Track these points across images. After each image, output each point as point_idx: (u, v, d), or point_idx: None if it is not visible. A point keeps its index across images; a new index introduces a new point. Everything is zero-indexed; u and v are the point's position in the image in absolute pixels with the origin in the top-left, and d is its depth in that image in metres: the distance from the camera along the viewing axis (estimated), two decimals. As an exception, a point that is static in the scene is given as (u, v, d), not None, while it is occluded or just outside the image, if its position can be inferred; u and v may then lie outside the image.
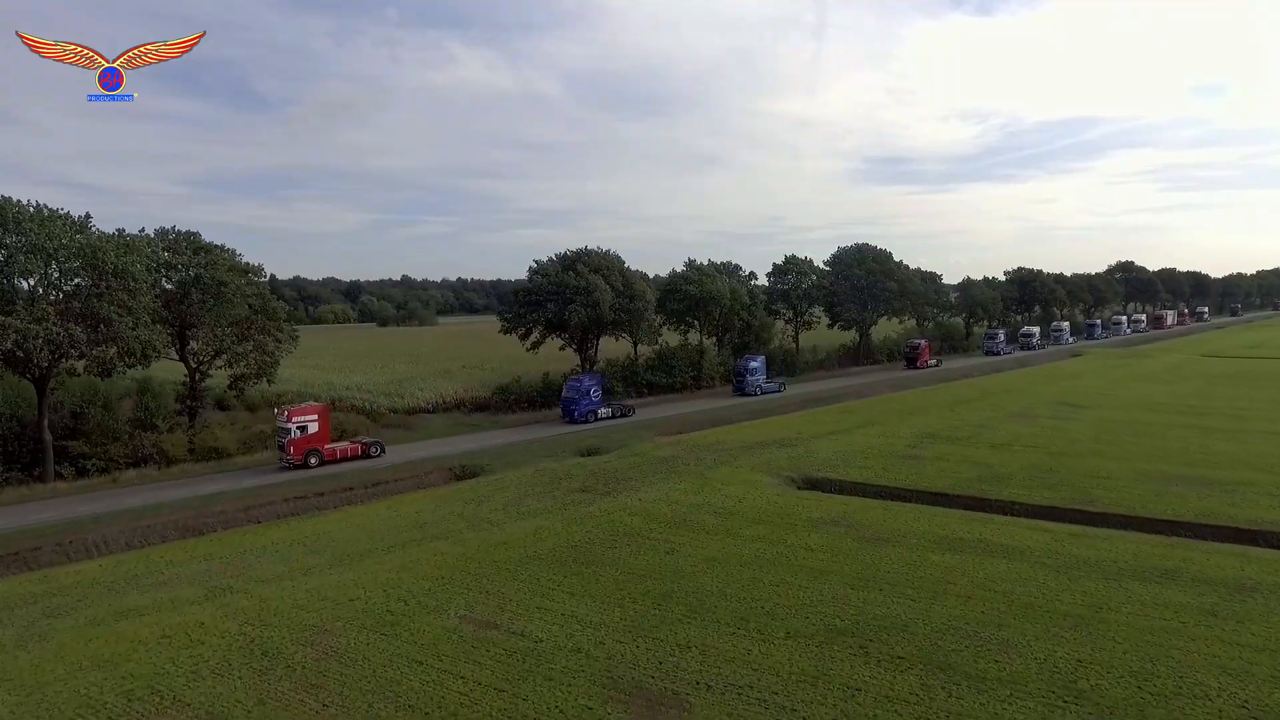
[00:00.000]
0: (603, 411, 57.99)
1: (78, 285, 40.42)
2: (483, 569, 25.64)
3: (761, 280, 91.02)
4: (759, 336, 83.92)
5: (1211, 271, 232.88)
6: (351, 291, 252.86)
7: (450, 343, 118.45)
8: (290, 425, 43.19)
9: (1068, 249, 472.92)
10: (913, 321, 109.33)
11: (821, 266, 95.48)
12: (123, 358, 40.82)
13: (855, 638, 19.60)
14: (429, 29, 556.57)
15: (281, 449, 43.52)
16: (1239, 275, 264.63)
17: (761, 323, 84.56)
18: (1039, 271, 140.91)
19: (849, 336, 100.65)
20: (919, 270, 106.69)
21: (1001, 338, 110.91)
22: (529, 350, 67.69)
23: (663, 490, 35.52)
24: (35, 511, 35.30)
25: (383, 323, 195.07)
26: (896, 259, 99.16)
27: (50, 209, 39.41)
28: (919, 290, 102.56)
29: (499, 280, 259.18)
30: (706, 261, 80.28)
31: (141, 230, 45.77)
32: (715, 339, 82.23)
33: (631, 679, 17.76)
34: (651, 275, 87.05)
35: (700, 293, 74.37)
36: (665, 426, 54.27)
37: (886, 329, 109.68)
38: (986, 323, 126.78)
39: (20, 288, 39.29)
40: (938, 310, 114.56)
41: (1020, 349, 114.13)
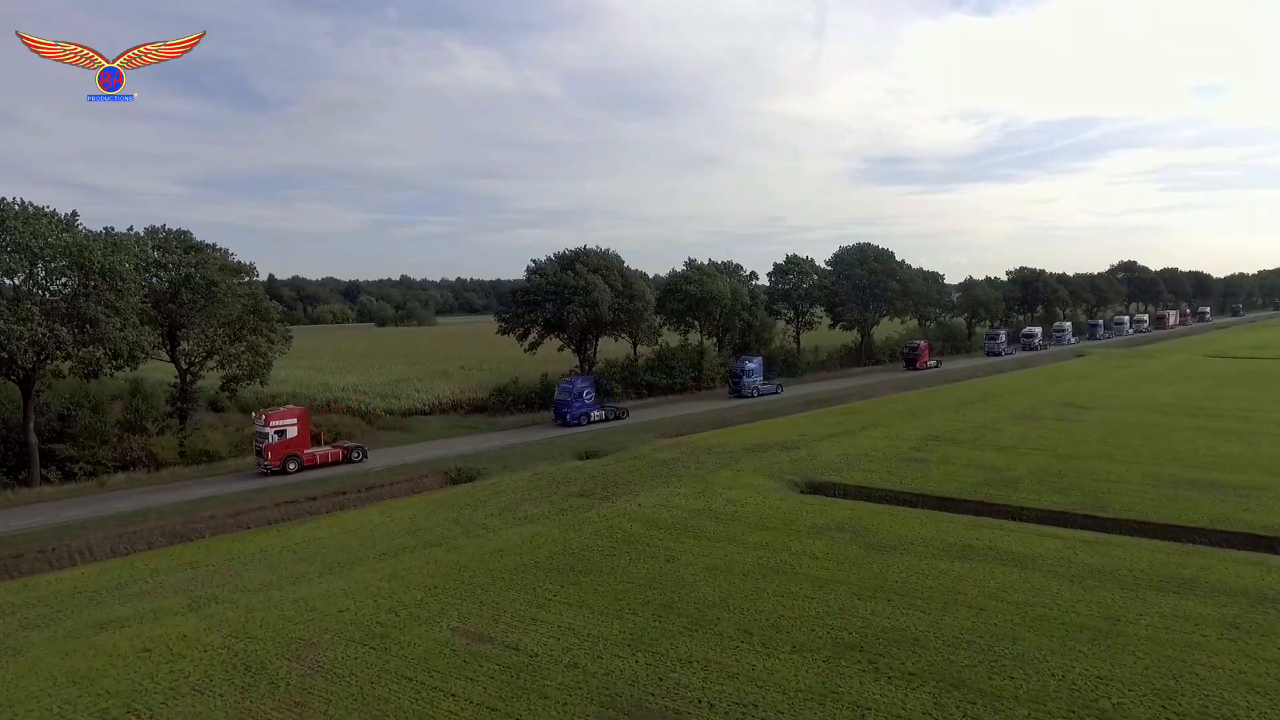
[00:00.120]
0: (596, 414, 57.12)
1: (64, 285, 39.52)
2: (477, 578, 24.85)
3: (762, 280, 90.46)
4: (760, 337, 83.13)
5: (1213, 271, 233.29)
6: (350, 291, 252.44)
7: (449, 343, 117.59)
8: (268, 429, 41.67)
9: (1068, 249, 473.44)
10: (915, 322, 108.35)
11: (823, 266, 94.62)
12: (110, 359, 39.88)
13: (864, 652, 18.79)
14: (429, 29, 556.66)
15: (259, 454, 42.19)
16: (1241, 275, 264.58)
17: (762, 323, 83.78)
18: (1042, 271, 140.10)
19: (851, 337, 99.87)
20: (921, 270, 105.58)
21: (1003, 338, 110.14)
22: (527, 351, 66.78)
23: (663, 495, 34.70)
24: (19, 517, 34.38)
25: (381, 323, 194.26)
26: (898, 259, 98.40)
27: (36, 207, 38.48)
28: (921, 290, 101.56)
29: (498, 280, 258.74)
30: (707, 261, 79.55)
31: (130, 229, 44.90)
32: (716, 339, 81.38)
33: (630, 696, 16.94)
34: (651, 275, 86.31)
35: (700, 293, 73.55)
36: (665, 428, 53.42)
37: (888, 329, 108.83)
38: (989, 323, 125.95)
39: (4, 286, 38.43)
40: (940, 310, 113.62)
41: (1022, 349, 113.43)
